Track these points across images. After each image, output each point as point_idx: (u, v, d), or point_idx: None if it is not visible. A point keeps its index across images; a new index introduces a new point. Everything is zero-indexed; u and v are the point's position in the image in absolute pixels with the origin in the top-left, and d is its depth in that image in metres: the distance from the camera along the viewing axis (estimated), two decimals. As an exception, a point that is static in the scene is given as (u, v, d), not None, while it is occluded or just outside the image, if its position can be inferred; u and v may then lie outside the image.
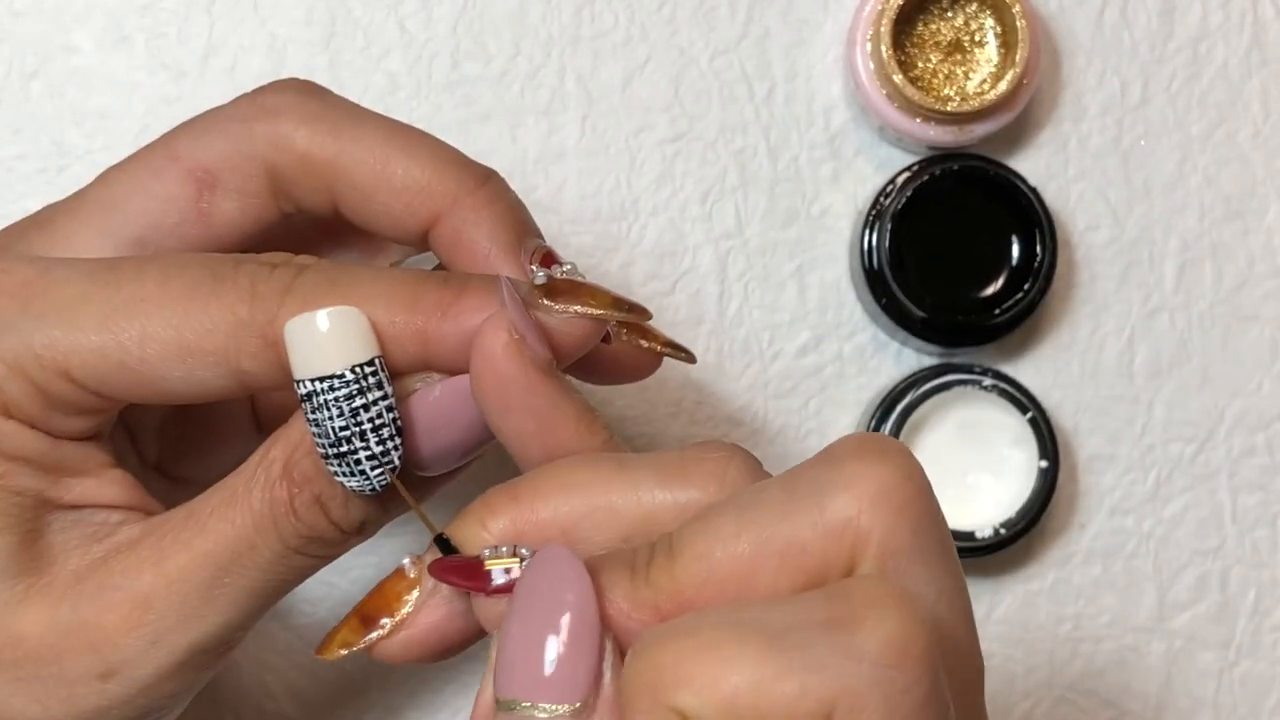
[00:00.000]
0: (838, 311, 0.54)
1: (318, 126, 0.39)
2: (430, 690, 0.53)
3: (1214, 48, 0.55)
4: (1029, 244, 0.52)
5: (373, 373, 0.34)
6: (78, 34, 0.53)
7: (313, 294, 0.35)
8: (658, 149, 0.54)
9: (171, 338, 0.35)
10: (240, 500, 0.36)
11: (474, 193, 0.39)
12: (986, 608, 0.54)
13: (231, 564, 0.36)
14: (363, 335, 0.34)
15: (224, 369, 0.35)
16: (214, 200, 0.40)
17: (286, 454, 0.36)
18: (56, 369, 0.35)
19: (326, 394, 0.34)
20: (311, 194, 0.40)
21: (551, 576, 0.31)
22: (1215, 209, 0.55)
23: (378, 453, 0.34)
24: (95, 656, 0.36)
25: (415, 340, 0.35)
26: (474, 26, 0.53)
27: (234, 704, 0.52)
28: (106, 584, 0.36)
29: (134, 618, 0.36)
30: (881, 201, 0.52)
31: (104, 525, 0.37)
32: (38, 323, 0.35)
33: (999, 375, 0.52)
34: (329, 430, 0.34)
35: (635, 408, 0.54)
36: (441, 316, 0.35)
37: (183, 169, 0.40)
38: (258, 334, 0.35)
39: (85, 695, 0.36)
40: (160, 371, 0.35)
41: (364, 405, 0.34)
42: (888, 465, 0.31)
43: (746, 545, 0.30)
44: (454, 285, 0.35)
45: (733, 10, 0.54)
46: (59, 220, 0.40)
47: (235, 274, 0.35)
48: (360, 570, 0.53)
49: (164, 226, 0.40)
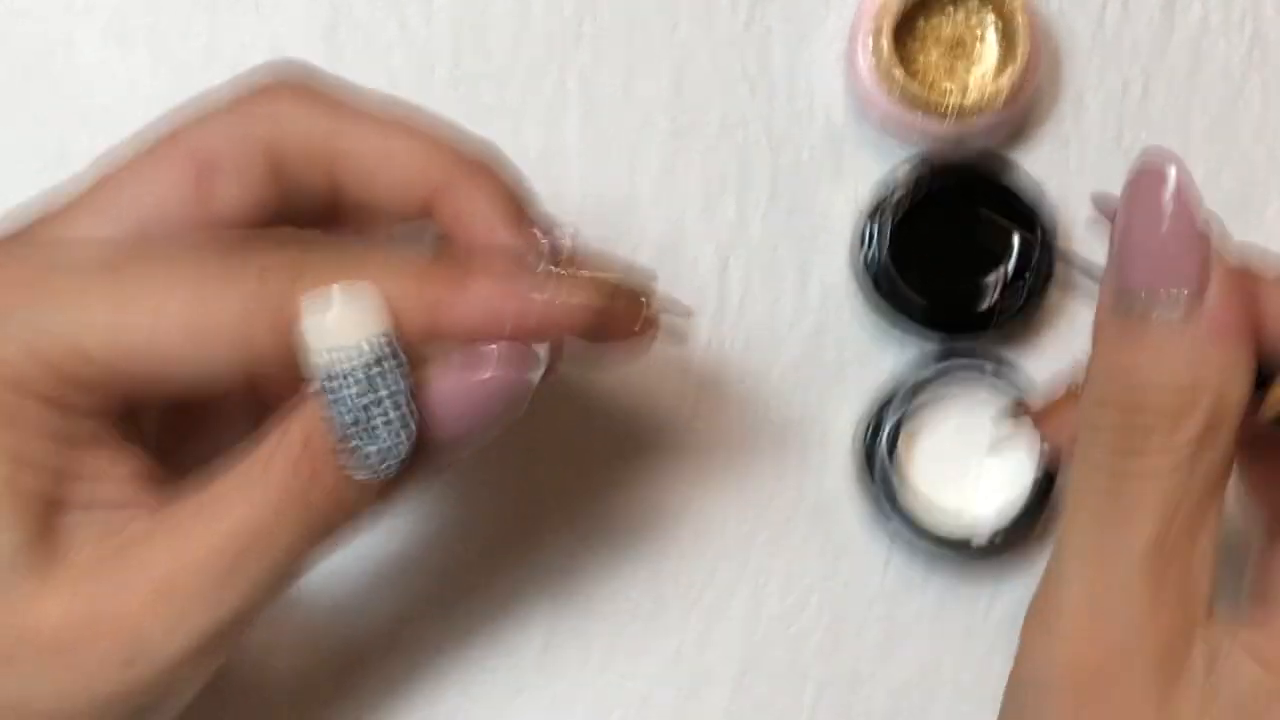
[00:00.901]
0: (838, 308, 0.54)
1: (315, 105, 0.40)
2: (431, 690, 0.53)
3: (1215, 46, 0.55)
4: (1028, 242, 0.52)
5: (387, 343, 0.35)
6: (78, 33, 0.53)
7: (323, 270, 0.35)
8: (659, 146, 0.54)
9: (184, 319, 0.35)
10: (260, 480, 0.36)
11: (474, 168, 0.40)
12: (986, 608, 0.54)
13: (253, 545, 0.36)
14: (375, 309, 0.35)
15: (236, 350, 0.36)
16: (214, 184, 0.40)
17: (305, 433, 0.36)
18: (72, 350, 0.35)
19: (344, 364, 0.35)
20: (311, 174, 0.40)
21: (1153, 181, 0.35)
22: (1215, 208, 0.55)
23: (395, 420, 0.35)
24: (116, 642, 0.36)
25: (427, 313, 0.35)
26: (475, 24, 0.54)
27: (233, 703, 0.52)
28: (126, 569, 0.36)
29: (155, 603, 0.36)
30: (882, 198, 0.53)
31: (121, 510, 0.37)
32: (51, 306, 0.36)
33: (1000, 373, 0.52)
34: (347, 401, 0.35)
35: (635, 407, 0.54)
36: (453, 289, 0.36)
37: (182, 154, 0.40)
38: (269, 312, 0.35)
39: (106, 681, 0.36)
40: (174, 354, 0.36)
41: (380, 374, 0.35)
42: None
43: None
44: (461, 259, 0.36)
45: (734, 6, 0.54)
46: (60, 208, 0.40)
47: (245, 252, 0.36)
48: (361, 570, 0.53)
49: (165, 212, 0.40)
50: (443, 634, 0.53)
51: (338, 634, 0.53)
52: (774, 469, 0.54)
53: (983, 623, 0.54)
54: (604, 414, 0.53)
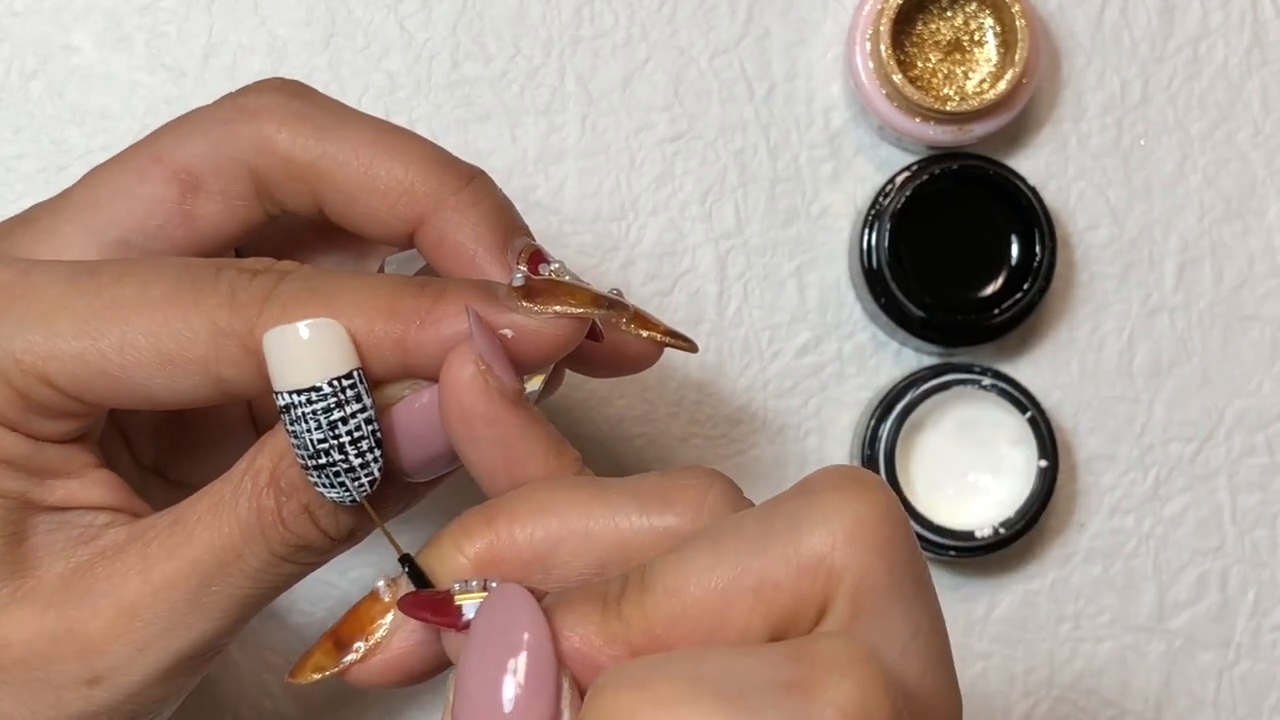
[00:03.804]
0: (837, 311, 0.54)
1: (301, 128, 0.39)
2: (430, 689, 0.53)
3: (1214, 47, 0.55)
4: (1028, 244, 0.52)
5: (350, 386, 0.34)
6: (77, 33, 0.53)
7: (292, 302, 0.34)
8: (657, 148, 0.54)
9: (151, 345, 0.35)
10: (227, 509, 0.35)
11: (459, 193, 0.39)
12: (986, 608, 0.54)
13: (218, 572, 0.36)
14: (341, 347, 0.34)
15: (204, 377, 0.35)
16: (197, 202, 0.39)
17: (273, 462, 0.35)
18: (36, 374, 0.35)
19: (304, 407, 0.34)
20: (295, 196, 0.39)
21: (507, 616, 0.31)
22: (1215, 209, 0.55)
23: (356, 465, 0.34)
24: (82, 662, 0.36)
25: (395, 348, 0.34)
26: (474, 26, 0.53)
27: (233, 704, 0.52)
28: (93, 590, 0.36)
29: (120, 625, 0.36)
30: (881, 201, 0.52)
31: (90, 528, 0.37)
32: (17, 327, 0.35)
33: (998, 375, 0.52)
34: (308, 442, 0.34)
35: (635, 408, 0.54)
36: (420, 324, 0.34)
37: (166, 170, 0.39)
38: (237, 342, 0.34)
39: (72, 701, 0.36)
40: (140, 378, 0.35)
41: (342, 419, 0.34)
42: (864, 500, 0.30)
43: (719, 580, 0.30)
44: (431, 292, 0.35)
45: (732, 10, 0.54)
46: (43, 220, 0.40)
47: (215, 281, 0.35)
48: (360, 570, 0.53)
49: (148, 228, 0.39)
50: (442, 633, 0.53)
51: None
52: (773, 473, 0.54)
53: (983, 623, 0.54)
54: (603, 417, 0.54)
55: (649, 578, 0.31)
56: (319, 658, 0.34)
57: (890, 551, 0.30)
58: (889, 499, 0.31)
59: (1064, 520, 0.55)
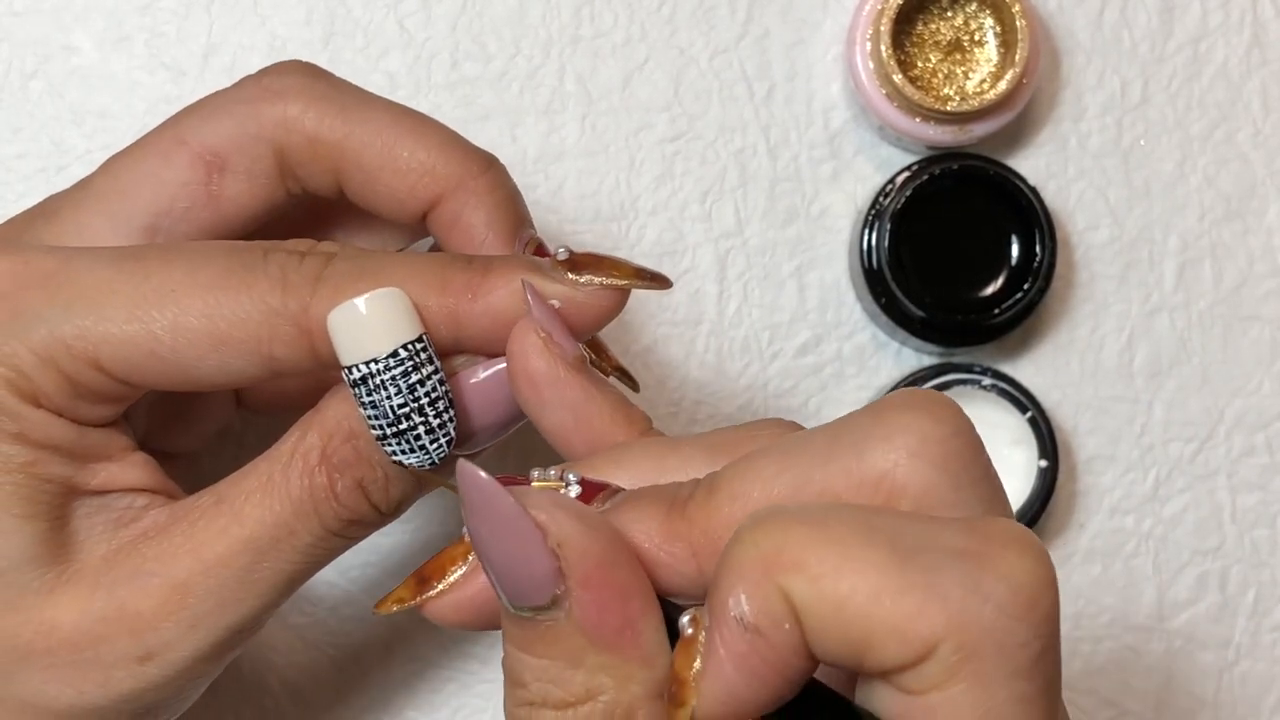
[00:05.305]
0: (837, 311, 0.54)
1: (325, 108, 0.40)
2: (430, 690, 0.53)
3: (1214, 47, 0.55)
4: (1028, 244, 0.52)
5: (422, 349, 0.35)
6: (77, 33, 0.53)
7: (344, 281, 0.35)
8: (657, 148, 0.54)
9: (203, 327, 0.35)
10: (278, 487, 0.37)
11: (477, 178, 0.40)
12: (986, 607, 0.54)
13: (270, 549, 0.37)
14: (408, 314, 0.35)
15: (256, 356, 0.36)
16: (223, 183, 0.40)
17: (324, 440, 0.37)
18: (87, 359, 0.36)
19: (383, 374, 0.35)
20: (318, 175, 0.40)
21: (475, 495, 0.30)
22: (1215, 209, 0.55)
23: (435, 425, 0.36)
24: (134, 640, 0.37)
25: (448, 321, 0.36)
26: (473, 26, 0.53)
27: (234, 703, 0.53)
28: (141, 570, 0.37)
29: (172, 603, 0.37)
30: (881, 201, 0.52)
31: (129, 510, 0.38)
32: (66, 313, 0.36)
33: (998, 375, 0.52)
34: (388, 410, 0.35)
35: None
36: (471, 297, 0.36)
37: (191, 153, 0.40)
38: (290, 322, 0.35)
39: (123, 679, 0.37)
40: (190, 359, 0.36)
41: (420, 380, 0.35)
42: (932, 417, 0.30)
43: (782, 489, 0.30)
44: (479, 266, 0.36)
45: (732, 10, 0.54)
46: (65, 210, 0.40)
47: (265, 263, 0.36)
48: (360, 570, 0.53)
49: (174, 212, 0.40)
50: (444, 633, 0.53)
51: (338, 634, 0.53)
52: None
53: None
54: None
55: (717, 481, 0.31)
56: (402, 591, 0.34)
57: (957, 468, 0.30)
58: (957, 416, 0.31)
59: (1064, 520, 0.55)
